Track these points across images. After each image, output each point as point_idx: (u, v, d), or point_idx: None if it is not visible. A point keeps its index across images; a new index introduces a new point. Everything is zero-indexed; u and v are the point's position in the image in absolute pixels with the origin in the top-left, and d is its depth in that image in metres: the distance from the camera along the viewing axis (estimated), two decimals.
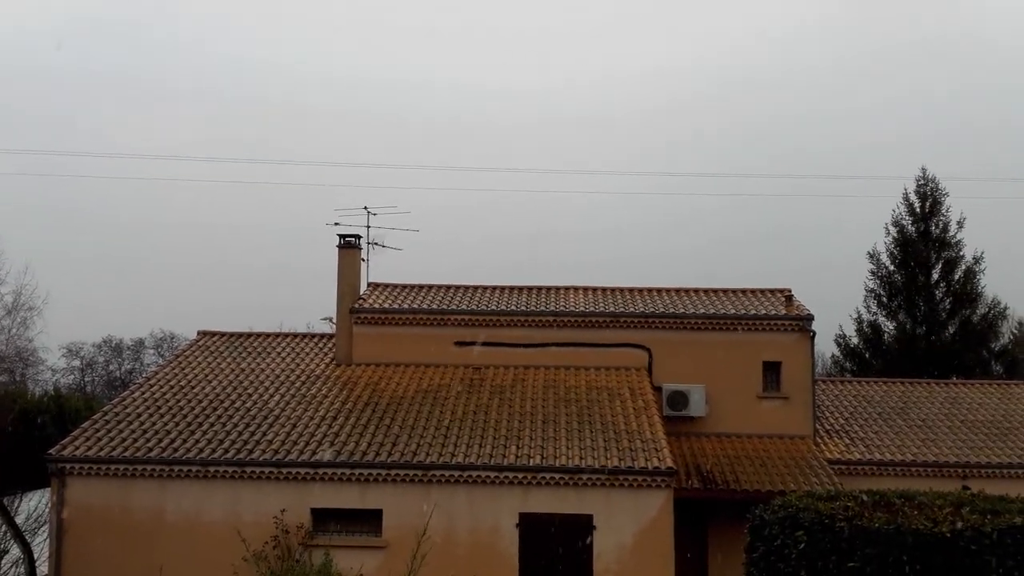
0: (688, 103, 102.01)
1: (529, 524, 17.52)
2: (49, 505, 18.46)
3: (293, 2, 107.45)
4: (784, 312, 22.44)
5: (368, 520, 17.70)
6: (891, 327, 37.52)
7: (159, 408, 19.98)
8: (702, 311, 22.51)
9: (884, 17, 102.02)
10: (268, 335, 24.99)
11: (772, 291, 23.82)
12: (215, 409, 20.00)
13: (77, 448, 18.14)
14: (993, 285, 47.06)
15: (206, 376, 21.84)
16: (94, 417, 19.72)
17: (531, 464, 17.68)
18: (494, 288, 24.41)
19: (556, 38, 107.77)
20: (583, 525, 17.46)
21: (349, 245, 23.71)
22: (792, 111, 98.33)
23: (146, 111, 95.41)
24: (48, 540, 18.26)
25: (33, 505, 21.99)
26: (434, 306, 22.88)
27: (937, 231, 37.53)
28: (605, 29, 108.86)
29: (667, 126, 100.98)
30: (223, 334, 24.52)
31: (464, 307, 22.81)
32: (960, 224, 37.43)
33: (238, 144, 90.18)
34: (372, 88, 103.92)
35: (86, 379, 62.80)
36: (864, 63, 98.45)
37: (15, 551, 21.17)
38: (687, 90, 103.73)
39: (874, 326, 37.63)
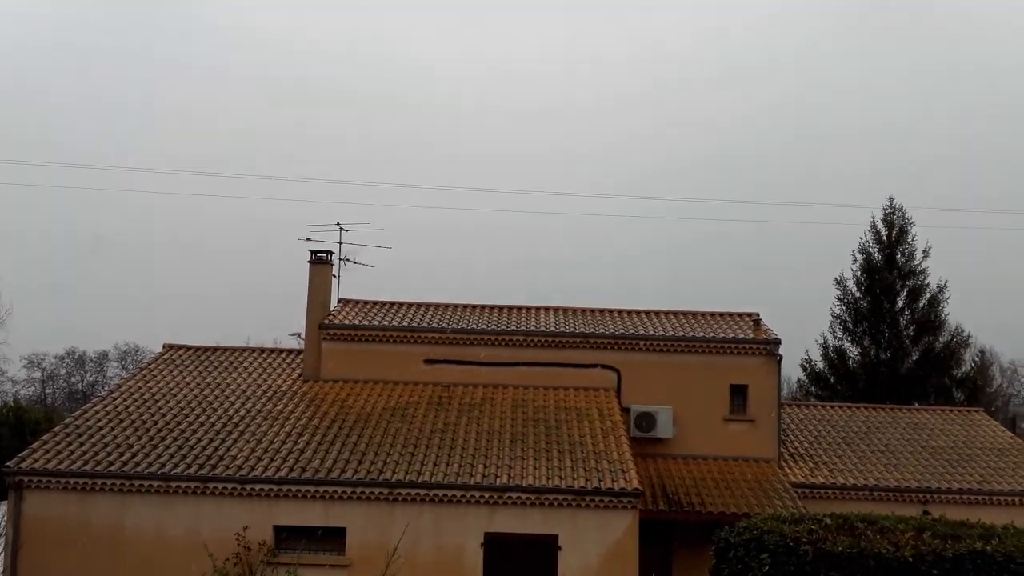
0: (658, 132, 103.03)
1: (494, 544, 17.44)
2: (5, 518, 18.10)
3: (278, 15, 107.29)
4: (752, 336, 22.63)
5: (332, 538, 17.53)
6: (856, 353, 37.92)
7: (121, 421, 19.70)
8: (671, 333, 22.63)
9: (858, 49, 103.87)
10: (235, 349, 24.76)
11: (740, 315, 24.03)
12: (179, 423, 19.76)
13: (36, 460, 17.82)
14: (956, 313, 47.87)
15: (171, 390, 21.59)
16: (54, 429, 19.41)
17: (497, 483, 17.63)
18: (464, 307, 24.40)
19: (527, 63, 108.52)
20: (549, 545, 17.42)
21: (320, 261, 23.60)
22: (762, 143, 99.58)
23: (102, 122, 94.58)
24: (3, 554, 17.88)
25: None
26: (404, 323, 22.81)
27: (903, 259, 38.08)
28: (579, 53, 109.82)
29: (636, 155, 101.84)
30: (189, 348, 24.26)
31: (434, 325, 22.78)
32: (925, 253, 38.01)
33: (207, 159, 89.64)
34: (349, 104, 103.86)
35: (47, 391, 61.80)
36: (831, 94, 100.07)
37: None
38: (659, 119, 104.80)
39: (839, 351, 38.02)
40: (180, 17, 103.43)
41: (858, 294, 38.27)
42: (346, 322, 22.79)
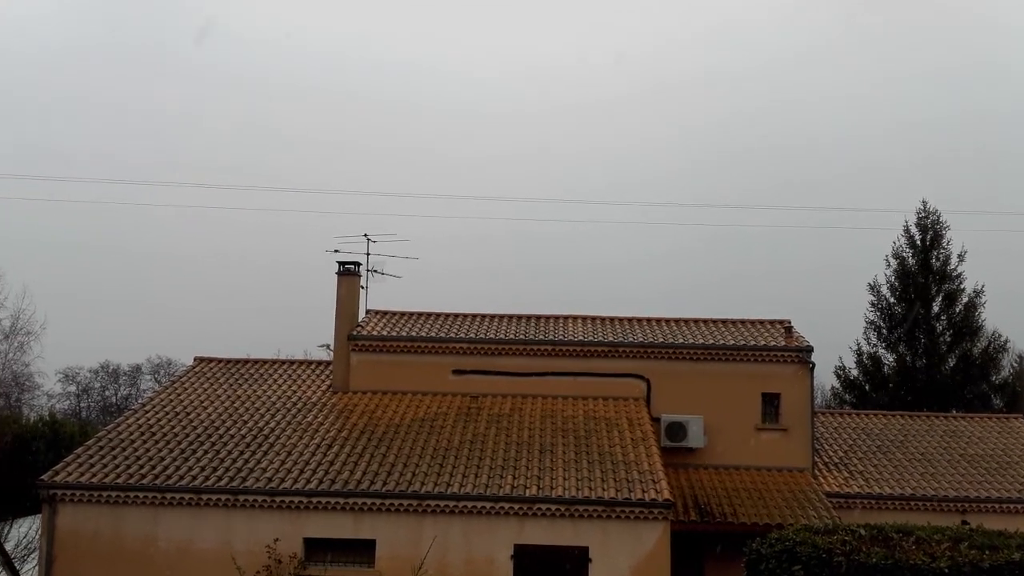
0: (686, 133, 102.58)
1: (524, 556, 17.32)
2: (39, 531, 18.28)
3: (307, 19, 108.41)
4: (783, 343, 22.36)
5: (361, 550, 17.51)
6: (891, 359, 37.42)
7: (153, 434, 19.86)
8: (701, 342, 22.43)
9: (886, 46, 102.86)
10: (265, 362, 24.90)
11: (771, 322, 23.76)
12: (210, 436, 19.87)
13: (69, 474, 17.99)
14: (994, 318, 47.12)
15: (202, 402, 21.73)
16: (87, 443, 19.59)
17: (527, 495, 17.52)
18: (493, 316, 24.36)
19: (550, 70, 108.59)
20: (579, 557, 17.27)
21: (348, 272, 23.71)
22: (789, 141, 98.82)
23: (138, 136, 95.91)
24: (38, 567, 18.05)
25: (23, 531, 21.79)
26: (432, 334, 22.81)
27: (938, 263, 37.54)
28: (600, 56, 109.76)
29: (666, 157, 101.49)
30: (220, 360, 24.44)
31: (463, 335, 22.75)
32: (961, 257, 37.48)
33: (234, 171, 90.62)
34: (372, 114, 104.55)
35: (82, 404, 62.58)
36: (864, 91, 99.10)
37: None
38: (687, 117, 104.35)
39: (874, 358, 37.53)
40: (207, 25, 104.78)
41: (892, 299, 37.80)
42: (374, 333, 22.83)
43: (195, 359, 24.66)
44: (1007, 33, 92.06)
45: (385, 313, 24.33)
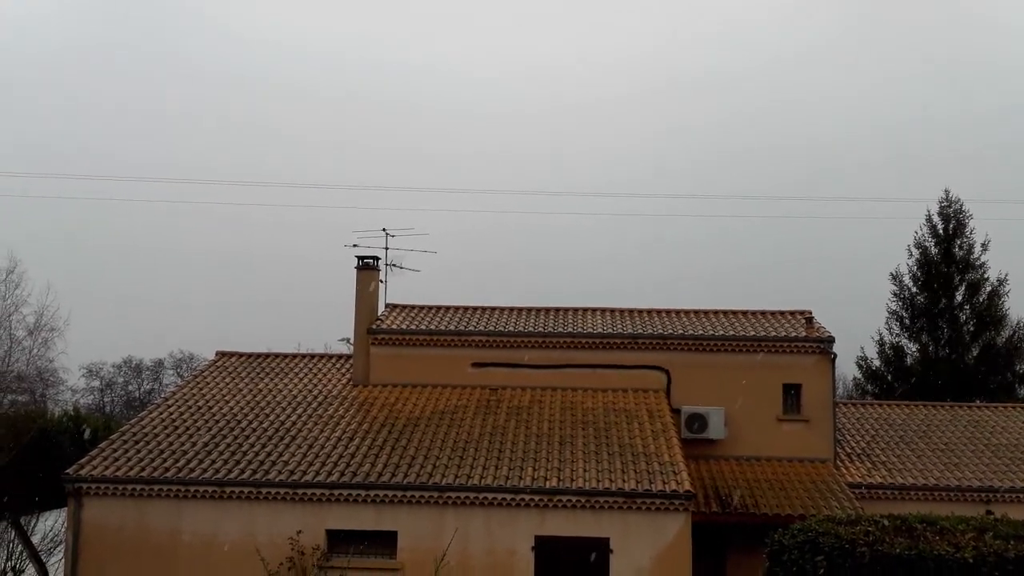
0: (703, 123, 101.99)
1: (545, 547, 17.35)
2: (65, 525, 18.48)
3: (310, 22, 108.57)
4: (804, 334, 22.23)
5: (383, 542, 17.59)
6: (914, 349, 37.11)
7: (176, 428, 20.01)
8: (721, 333, 22.34)
9: (905, 37, 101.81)
10: (286, 356, 25.03)
11: (792, 313, 23.62)
12: (232, 430, 20.00)
13: (94, 468, 18.17)
14: (1018, 307, 46.58)
15: (224, 396, 21.88)
16: (111, 437, 19.77)
17: (548, 486, 17.53)
18: (512, 309, 24.35)
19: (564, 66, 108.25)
20: (600, 549, 17.27)
21: (367, 267, 23.76)
22: (811, 131, 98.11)
23: (162, 136, 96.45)
24: (64, 560, 18.26)
25: (49, 525, 22.03)
26: (452, 327, 22.84)
27: (961, 253, 37.17)
28: (623, 46, 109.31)
29: (685, 146, 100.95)
30: (241, 355, 24.59)
31: (482, 328, 22.76)
32: (984, 246, 37.08)
33: (254, 168, 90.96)
34: (388, 110, 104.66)
35: (105, 399, 63.16)
36: (885, 81, 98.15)
37: (31, 571, 21.21)
38: (698, 111, 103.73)
39: (896, 348, 37.24)
40: (220, 26, 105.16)
41: (915, 289, 37.47)
42: (394, 327, 22.90)
43: (217, 354, 24.82)
44: (1007, 32, 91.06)
45: (404, 307, 24.38)
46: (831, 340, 21.98)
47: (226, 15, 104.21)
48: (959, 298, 36.92)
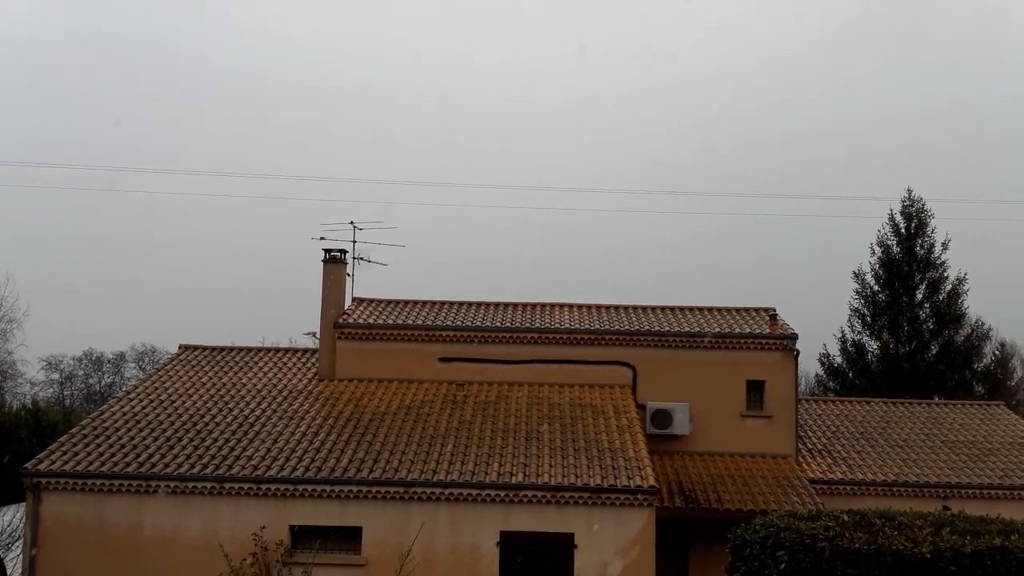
0: (661, 128, 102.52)
1: (510, 542, 17.38)
2: (23, 520, 18.19)
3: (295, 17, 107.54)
4: (768, 331, 22.46)
5: (348, 537, 17.53)
6: (875, 347, 37.63)
7: (138, 422, 19.77)
8: (687, 329, 22.50)
9: (877, 37, 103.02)
10: (250, 349, 24.81)
11: (756, 310, 23.85)
12: (195, 424, 19.81)
13: (53, 462, 17.91)
14: (976, 306, 47.43)
15: (187, 390, 21.65)
16: (71, 431, 19.49)
17: (513, 482, 17.57)
18: (479, 304, 24.35)
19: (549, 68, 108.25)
20: (565, 544, 17.34)
21: (334, 260, 23.61)
22: (778, 131, 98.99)
23: (124, 124, 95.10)
24: (22, 555, 17.98)
25: (7, 520, 21.66)
26: (419, 322, 22.79)
27: (922, 251, 37.72)
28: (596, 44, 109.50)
29: (644, 147, 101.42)
30: (205, 348, 24.34)
31: (449, 323, 22.74)
32: (945, 245, 37.68)
33: (220, 158, 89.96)
34: (359, 102, 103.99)
35: (65, 392, 62.25)
36: (854, 81, 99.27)
37: None
38: (672, 112, 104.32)
39: (858, 345, 37.74)
40: (199, 15, 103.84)
41: (876, 287, 37.97)
42: (360, 321, 22.79)
43: (180, 347, 24.55)
44: (962, 27, 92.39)
45: (371, 301, 24.28)
46: (794, 337, 22.23)
47: (211, 3, 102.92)
48: (919, 296, 37.49)
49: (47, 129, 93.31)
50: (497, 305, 24.36)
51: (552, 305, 24.36)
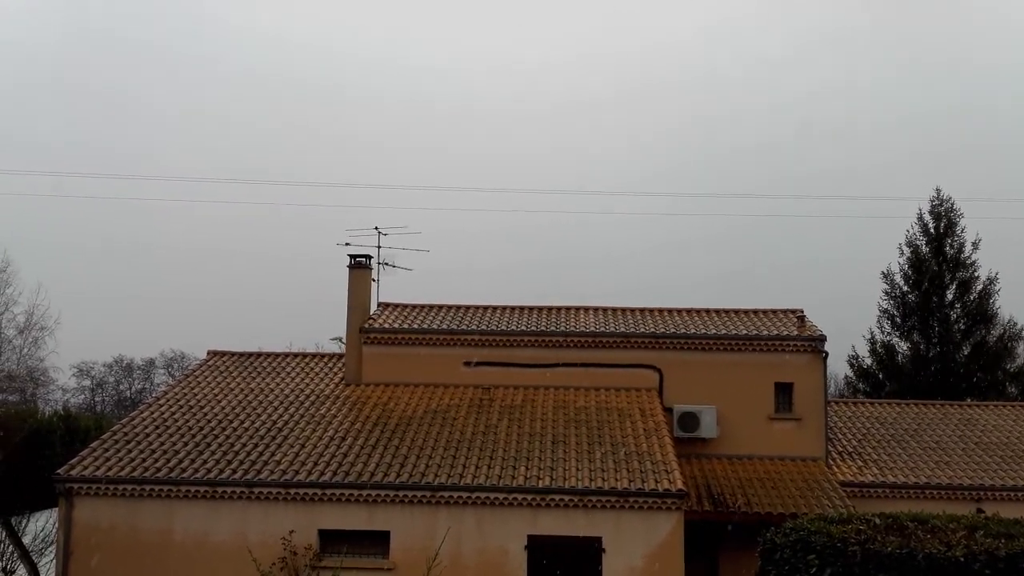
0: (696, 122, 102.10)
1: (538, 546, 17.34)
2: (56, 525, 18.40)
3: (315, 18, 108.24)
4: (796, 333, 22.27)
5: (376, 542, 17.57)
6: (905, 348, 37.23)
7: (168, 428, 19.95)
8: (713, 332, 22.36)
9: (899, 34, 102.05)
10: (278, 355, 24.97)
11: (784, 312, 23.67)
12: (224, 429, 19.95)
13: (85, 468, 18.10)
14: (1008, 306, 46.77)
15: (215, 396, 21.82)
16: (102, 437, 19.69)
17: (540, 486, 17.53)
18: (504, 308, 24.34)
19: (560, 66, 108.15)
20: (592, 548, 17.28)
21: (359, 265, 23.71)
22: (801, 131, 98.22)
23: (154, 133, 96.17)
24: (55, 560, 18.18)
25: (40, 525, 21.96)
26: (444, 326, 22.82)
27: (952, 251, 37.30)
28: (616, 45, 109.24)
29: (677, 146, 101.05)
30: (233, 354, 24.52)
31: (474, 327, 22.75)
32: (975, 244, 37.23)
33: (247, 168, 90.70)
34: (383, 111, 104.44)
35: (96, 399, 62.98)
36: (879, 78, 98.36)
37: (22, 572, 21.12)
38: (694, 111, 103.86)
39: (888, 347, 37.35)
40: (203, 19, 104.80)
41: (906, 288, 37.58)
42: (386, 326, 22.86)
43: (208, 353, 24.75)
44: (979, 33, 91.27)
45: (397, 306, 24.34)
46: (823, 339, 22.03)
47: (225, 8, 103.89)
48: (950, 297, 37.06)
49: (75, 135, 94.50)
50: (522, 309, 24.34)
51: (577, 308, 24.31)
